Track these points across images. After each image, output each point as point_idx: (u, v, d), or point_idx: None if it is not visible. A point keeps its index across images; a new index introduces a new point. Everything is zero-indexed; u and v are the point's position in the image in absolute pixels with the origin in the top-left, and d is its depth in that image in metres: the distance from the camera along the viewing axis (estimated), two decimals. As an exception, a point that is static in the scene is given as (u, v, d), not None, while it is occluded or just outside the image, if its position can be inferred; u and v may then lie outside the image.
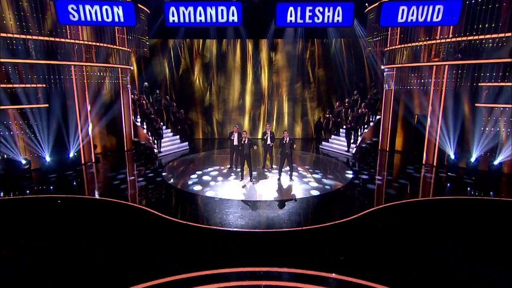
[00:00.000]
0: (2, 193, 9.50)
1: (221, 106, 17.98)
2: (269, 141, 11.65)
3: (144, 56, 15.80)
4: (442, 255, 6.26)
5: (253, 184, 10.37)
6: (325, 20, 10.37)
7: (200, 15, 10.35)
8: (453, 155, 12.04)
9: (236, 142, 11.33)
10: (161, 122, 14.53)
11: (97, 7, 9.84)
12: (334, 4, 10.07)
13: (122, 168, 12.42)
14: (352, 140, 14.61)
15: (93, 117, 13.23)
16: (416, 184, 10.86)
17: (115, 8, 9.97)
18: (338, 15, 10.26)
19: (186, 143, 15.83)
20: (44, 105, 11.52)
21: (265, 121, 17.76)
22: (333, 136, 15.96)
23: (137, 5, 10.72)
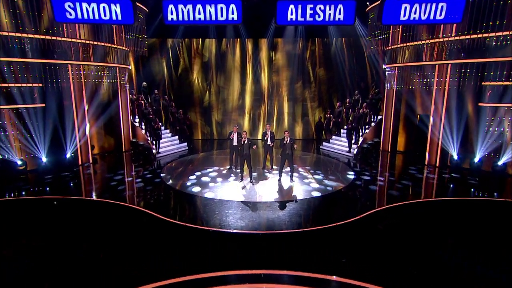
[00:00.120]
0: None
1: (221, 106, 17.80)
2: (269, 142, 11.47)
3: (142, 56, 15.63)
4: (445, 257, 6.12)
5: (253, 185, 10.20)
6: (326, 18, 10.19)
7: (199, 13, 10.15)
8: (456, 156, 11.86)
9: (236, 143, 11.15)
10: (159, 122, 14.34)
11: (94, 5, 9.62)
12: (335, 2, 9.91)
13: (120, 169, 12.23)
14: (353, 141, 14.44)
15: (90, 117, 13.03)
16: (419, 185, 10.69)
17: (112, 6, 9.76)
18: (340, 13, 10.09)
19: (185, 143, 15.65)
20: (41, 105, 11.32)
21: (265, 121, 17.57)
22: (334, 137, 15.78)
23: (135, 3, 10.52)
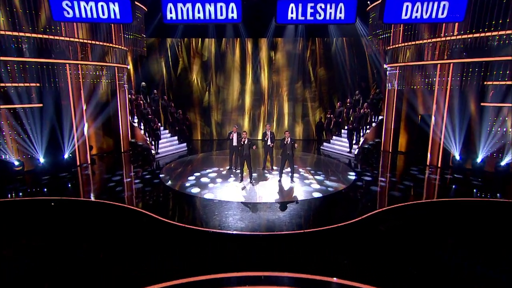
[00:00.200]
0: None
1: (220, 106, 17.67)
2: (269, 142, 11.35)
3: (141, 55, 15.51)
4: (446, 257, 6.04)
5: (253, 185, 10.08)
6: (327, 17, 10.09)
7: (199, 12, 10.04)
8: (458, 156, 11.73)
9: (236, 143, 11.03)
10: (158, 122, 14.21)
11: (92, 3, 9.51)
12: (336, 1, 9.80)
13: (118, 170, 12.10)
14: (354, 141, 14.32)
15: (88, 118, 12.89)
16: (421, 186, 10.57)
17: (111, 4, 9.64)
18: (341, 12, 9.99)
19: (185, 144, 15.52)
20: (38, 104, 11.20)
21: (265, 121, 17.44)
22: (334, 137, 15.66)
23: (134, 1, 10.40)
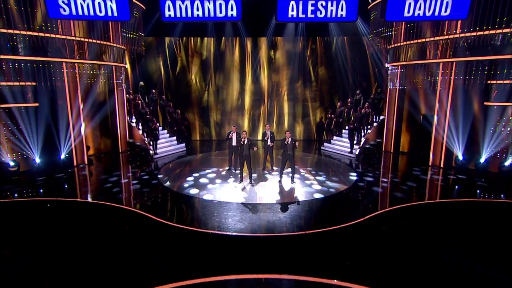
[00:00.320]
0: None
1: (220, 106, 17.49)
2: (269, 142, 11.18)
3: (139, 55, 15.35)
4: (449, 259, 5.91)
5: (253, 186, 9.90)
6: (328, 15, 9.89)
7: (198, 9, 9.87)
8: (461, 156, 11.55)
9: (235, 143, 10.85)
10: (157, 122, 14.02)
11: (89, 1, 9.35)
12: (337, -2, 9.69)
13: (116, 170, 11.91)
14: (355, 141, 14.15)
15: (85, 117, 12.70)
16: (423, 186, 10.39)
17: (108, 1, 9.49)
18: (342, 9, 9.84)
19: (183, 144, 15.33)
20: (34, 104, 11.00)
21: (265, 121, 17.24)
22: (335, 137, 15.49)
23: (132, -1, 10.27)
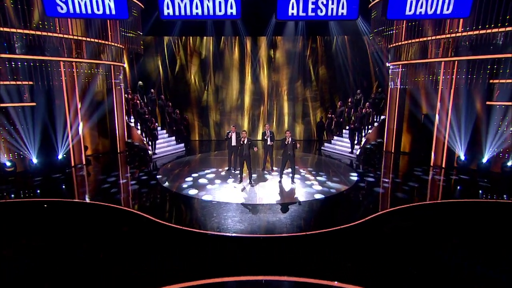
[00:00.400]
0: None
1: (219, 106, 17.36)
2: (269, 141, 11.05)
3: (138, 54, 15.22)
4: (449, 259, 5.83)
5: (252, 186, 9.77)
6: (329, 13, 9.87)
7: (197, 8, 9.79)
8: (463, 156, 11.44)
9: (234, 143, 10.73)
10: (155, 122, 13.89)
11: (86, -2, 9.27)
12: (338, -4, 9.58)
13: (114, 171, 11.78)
14: (355, 141, 14.03)
15: (83, 117, 12.56)
16: (425, 186, 10.29)
17: (106, -1, 9.40)
18: (343, 8, 9.78)
19: (182, 144, 15.21)
20: (31, 103, 10.86)
21: (265, 121, 17.10)
22: (335, 137, 15.37)
23: (130, -3, 10.17)
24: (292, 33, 16.08)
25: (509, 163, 10.45)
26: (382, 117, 14.68)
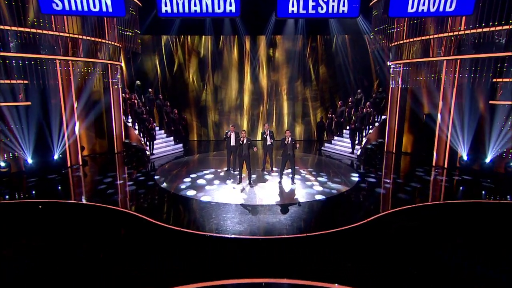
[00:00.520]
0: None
1: (218, 106, 17.17)
2: (269, 141, 10.88)
3: (135, 53, 15.02)
4: (449, 259, 5.74)
5: (252, 187, 9.59)
6: (330, 11, 9.75)
7: (195, 5, 9.64)
8: (466, 156, 11.27)
9: (233, 143, 10.55)
10: (153, 122, 13.70)
11: (83, -5, 9.08)
12: (339, -7, 9.44)
13: (111, 171, 11.56)
14: (356, 142, 13.86)
15: (79, 117, 12.35)
16: (427, 187, 10.13)
17: (102, -4, 9.21)
18: (344, 5, 9.66)
19: (181, 144, 15.02)
20: (26, 103, 10.65)
21: (264, 121, 16.91)
22: (335, 137, 15.20)
23: (127, -6, 9.96)
24: (292, 31, 15.90)
25: (512, 163, 10.30)
26: (383, 117, 14.52)
